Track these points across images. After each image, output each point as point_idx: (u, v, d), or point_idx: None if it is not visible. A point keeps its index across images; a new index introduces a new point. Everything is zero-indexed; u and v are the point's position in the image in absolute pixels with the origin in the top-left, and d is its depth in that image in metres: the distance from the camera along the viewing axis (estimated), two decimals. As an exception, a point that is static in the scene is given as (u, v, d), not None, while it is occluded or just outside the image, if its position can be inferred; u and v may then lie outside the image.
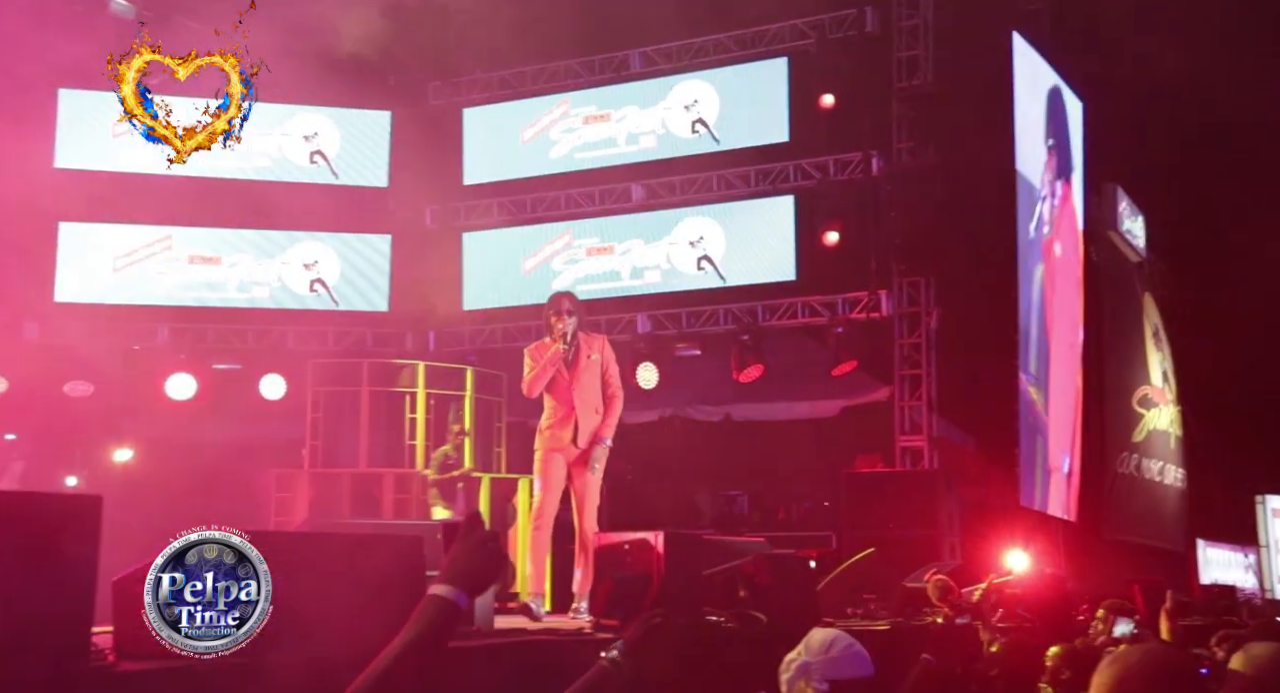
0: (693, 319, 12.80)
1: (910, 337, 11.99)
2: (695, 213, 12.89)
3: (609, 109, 13.32)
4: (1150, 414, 15.30)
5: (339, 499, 10.86)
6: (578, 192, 13.43)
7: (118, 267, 12.90)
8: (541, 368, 6.41)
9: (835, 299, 12.18)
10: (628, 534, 5.62)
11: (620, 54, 13.33)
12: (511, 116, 13.74)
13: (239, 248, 13.28)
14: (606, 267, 13.04)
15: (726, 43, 12.96)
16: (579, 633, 5.17)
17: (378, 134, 13.64)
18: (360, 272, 13.53)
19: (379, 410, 11.35)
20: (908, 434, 11.87)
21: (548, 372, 6.42)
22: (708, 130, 12.82)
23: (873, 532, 10.34)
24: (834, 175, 12.29)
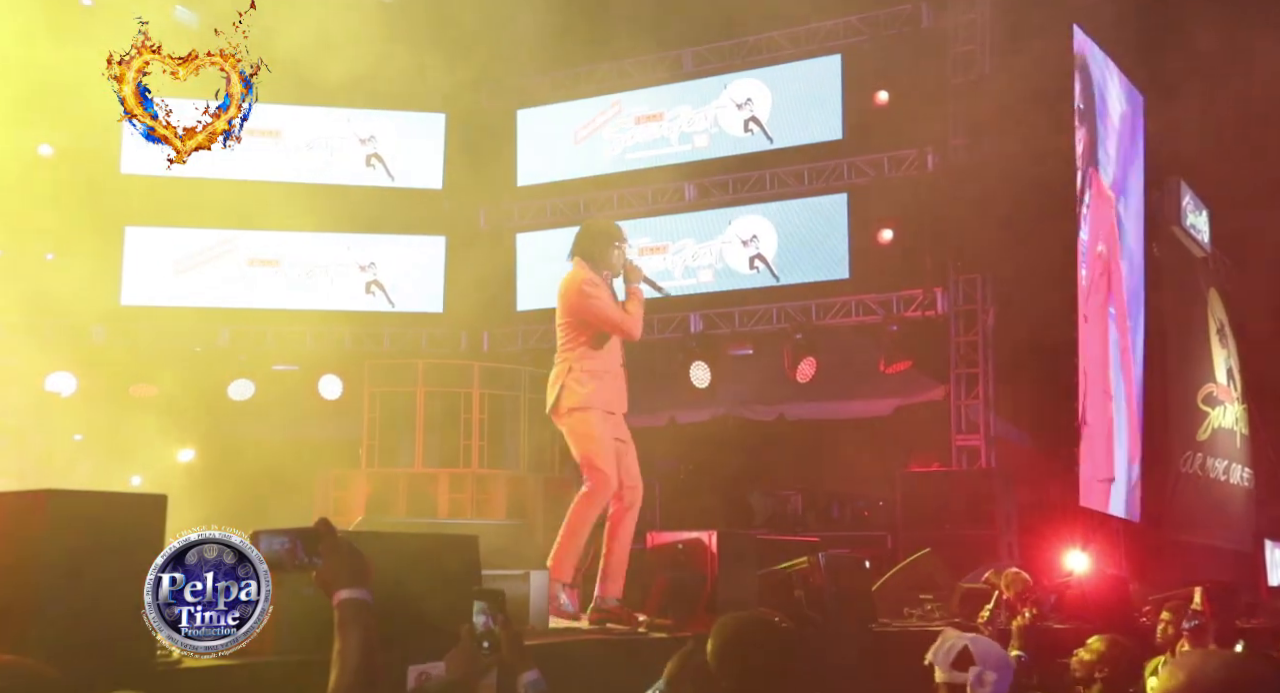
0: (746, 318, 12.77)
1: (966, 335, 11.85)
2: (748, 212, 12.85)
3: (661, 109, 13.33)
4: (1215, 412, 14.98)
5: (395, 499, 10.99)
6: (630, 191, 13.46)
7: (181, 270, 13.16)
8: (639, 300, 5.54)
9: (890, 297, 12.08)
10: (681, 534, 5.61)
11: (673, 53, 13.33)
12: (564, 117, 13.80)
13: (297, 251, 13.49)
14: (659, 266, 13.04)
15: (779, 40, 12.90)
16: (633, 632, 5.17)
17: (432, 136, 13.79)
18: (415, 273, 13.68)
19: (434, 411, 11.47)
20: (964, 433, 11.73)
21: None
22: (761, 129, 12.77)
23: (929, 532, 10.23)
24: (888, 173, 12.19)
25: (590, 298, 5.42)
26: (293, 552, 2.14)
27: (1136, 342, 12.90)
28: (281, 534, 2.16)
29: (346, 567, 2.12)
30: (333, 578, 2.12)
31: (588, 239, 5.62)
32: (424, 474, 11.22)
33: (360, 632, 2.06)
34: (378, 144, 13.65)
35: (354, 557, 2.15)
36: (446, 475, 11.18)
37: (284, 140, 13.46)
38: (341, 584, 2.10)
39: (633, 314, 5.48)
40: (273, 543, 2.15)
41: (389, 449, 11.43)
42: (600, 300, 5.44)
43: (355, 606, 2.08)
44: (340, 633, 2.07)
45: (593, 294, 5.43)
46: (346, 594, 2.09)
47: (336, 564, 2.13)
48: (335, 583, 2.11)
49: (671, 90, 13.34)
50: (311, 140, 13.51)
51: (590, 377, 5.42)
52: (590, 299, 5.42)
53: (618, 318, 5.45)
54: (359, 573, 2.13)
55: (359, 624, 2.07)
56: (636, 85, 13.53)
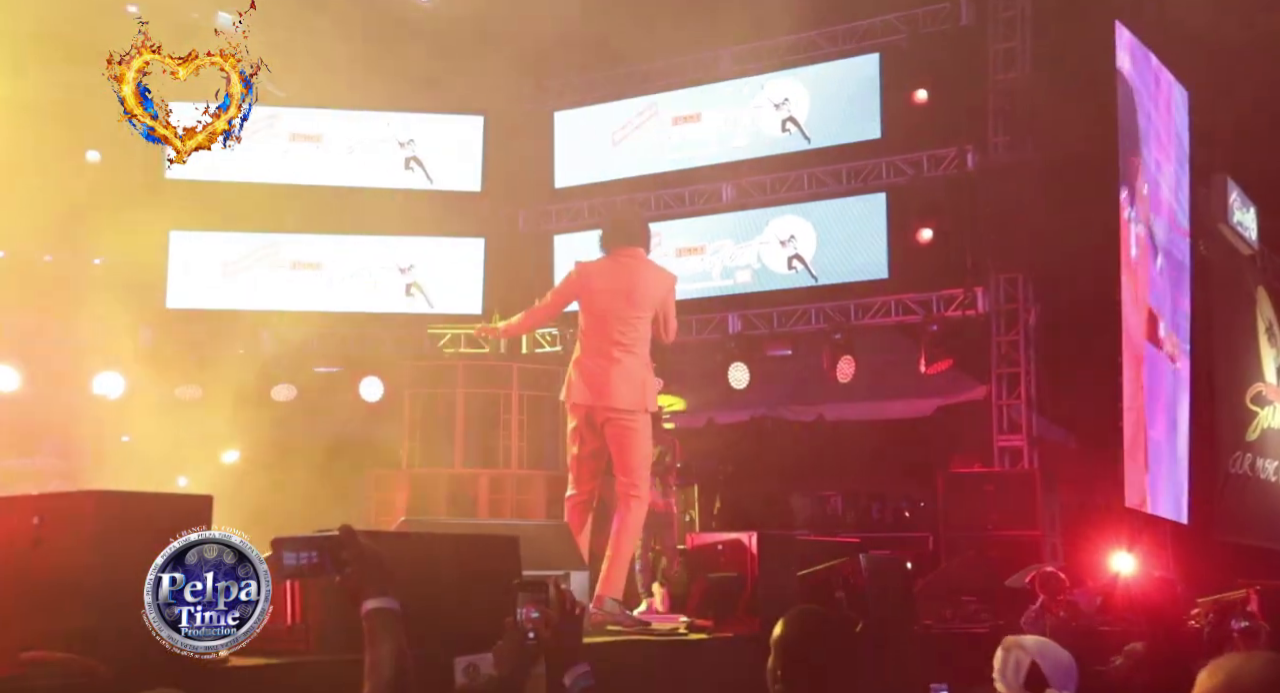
0: (784, 319, 12.72)
1: (1008, 334, 11.74)
2: (786, 212, 12.80)
3: (699, 109, 13.31)
4: (1265, 413, 14.72)
5: (436, 499, 11.07)
6: (668, 193, 13.45)
7: (225, 273, 13.33)
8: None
9: (930, 297, 11.99)
10: (721, 535, 5.61)
11: (710, 54, 13.32)
12: (602, 119, 13.83)
13: (338, 253, 13.61)
14: (697, 267, 13.03)
15: (817, 40, 12.85)
16: (674, 633, 5.17)
17: (471, 139, 13.86)
18: (454, 275, 13.75)
19: (474, 412, 11.54)
20: (1006, 434, 11.63)
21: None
22: (798, 129, 12.72)
23: (971, 533, 10.16)
24: (927, 171, 12.10)
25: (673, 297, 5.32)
26: (320, 565, 2.07)
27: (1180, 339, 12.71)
28: (307, 546, 2.08)
29: (373, 575, 2.07)
30: (359, 587, 2.07)
31: (635, 227, 5.48)
32: (464, 475, 11.30)
33: (391, 642, 2.01)
34: (417, 147, 13.75)
35: (379, 564, 2.09)
36: (486, 476, 11.25)
37: (325, 145, 13.60)
38: (369, 594, 2.05)
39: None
40: (299, 557, 2.08)
41: (429, 450, 11.51)
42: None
43: (384, 615, 2.04)
44: (370, 644, 2.03)
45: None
46: (374, 604, 2.04)
47: (362, 573, 2.07)
48: (362, 592, 2.06)
49: (709, 91, 13.32)
50: (352, 144, 13.64)
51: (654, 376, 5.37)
52: (673, 298, 5.32)
53: (675, 320, 5.43)
54: (385, 581, 2.08)
55: (389, 634, 2.03)
56: (674, 86, 13.53)
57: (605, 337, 5.25)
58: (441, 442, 11.47)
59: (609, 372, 5.21)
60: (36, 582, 3.10)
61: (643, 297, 5.27)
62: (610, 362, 5.21)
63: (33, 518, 3.16)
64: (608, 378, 5.21)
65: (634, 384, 5.21)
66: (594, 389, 5.23)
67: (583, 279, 5.38)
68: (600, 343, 5.26)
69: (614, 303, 5.26)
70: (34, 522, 3.15)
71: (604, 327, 5.25)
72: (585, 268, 5.42)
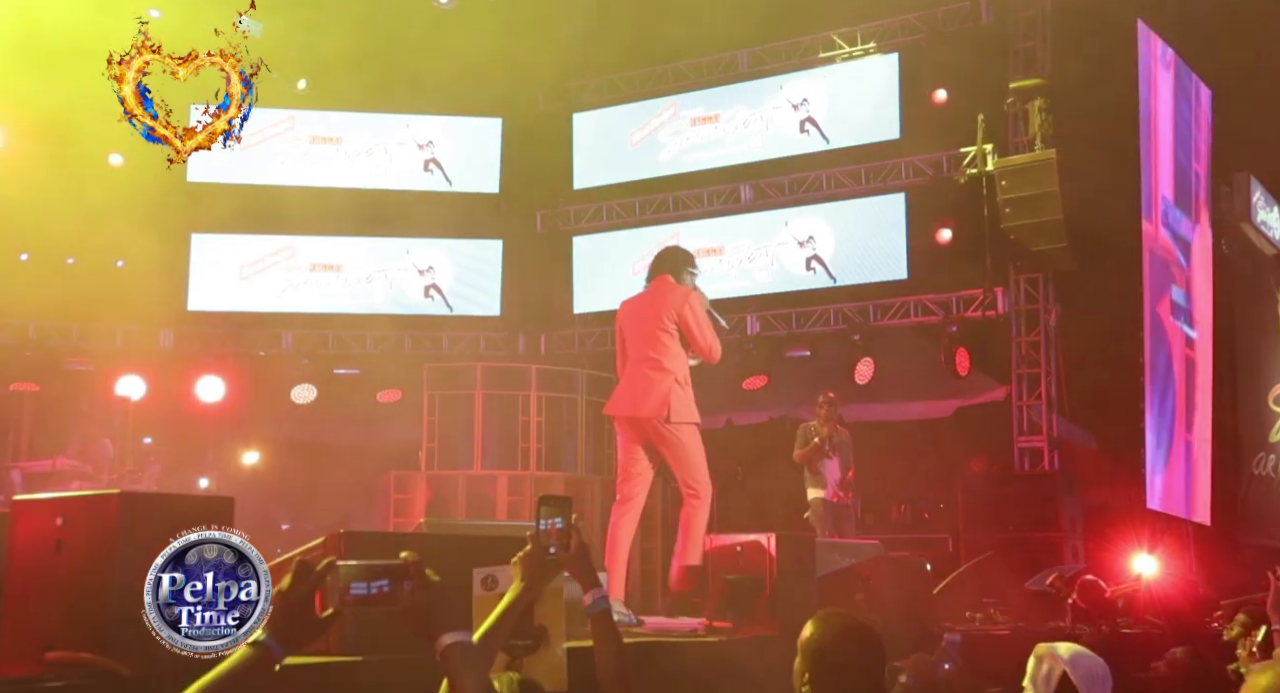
0: (803, 320, 12.69)
1: (1028, 335, 11.68)
2: (804, 213, 12.77)
3: (717, 110, 13.30)
4: (1288, 413, 14.59)
5: (454, 501, 11.09)
6: (686, 193, 13.44)
7: (245, 276, 13.40)
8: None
9: (949, 298, 11.94)
10: (739, 536, 5.60)
11: (728, 54, 13.30)
12: (620, 120, 13.83)
13: (358, 255, 13.67)
14: (716, 268, 13.01)
15: (836, 40, 12.81)
16: (692, 634, 5.17)
17: (489, 141, 13.89)
18: (473, 277, 13.79)
19: (492, 413, 11.55)
20: (1026, 435, 11.56)
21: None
22: (817, 129, 12.69)
23: (991, 534, 10.10)
24: (946, 172, 12.05)
25: (698, 311, 5.67)
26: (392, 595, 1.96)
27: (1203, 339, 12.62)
28: (376, 574, 1.98)
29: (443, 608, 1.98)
30: (431, 620, 1.97)
31: (673, 260, 5.87)
32: (483, 476, 11.30)
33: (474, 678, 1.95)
34: (435, 149, 13.78)
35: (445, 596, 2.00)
36: (505, 477, 11.25)
37: (344, 147, 13.65)
38: (442, 628, 1.96)
39: (718, 338, 5.76)
40: (370, 587, 1.96)
41: (448, 451, 11.52)
42: (705, 316, 5.70)
43: (464, 650, 1.95)
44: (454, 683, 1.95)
45: (700, 308, 5.68)
46: (452, 639, 1.95)
47: (433, 606, 1.97)
48: (435, 625, 1.96)
49: (727, 91, 13.30)
50: (371, 146, 13.69)
51: (688, 388, 5.66)
52: (699, 312, 5.66)
53: (713, 337, 5.70)
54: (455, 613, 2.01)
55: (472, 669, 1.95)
56: (692, 87, 13.52)
57: (639, 354, 5.74)
58: (460, 443, 11.48)
59: (636, 384, 5.70)
60: (59, 583, 3.13)
61: (657, 314, 5.69)
62: (640, 376, 5.68)
63: (55, 520, 3.18)
64: (633, 389, 5.71)
65: (651, 396, 5.59)
66: (627, 401, 5.71)
67: (619, 314, 5.99)
68: (636, 361, 5.75)
69: (638, 325, 5.79)
70: (57, 523, 3.17)
71: (637, 347, 5.76)
72: (622, 304, 6.02)
